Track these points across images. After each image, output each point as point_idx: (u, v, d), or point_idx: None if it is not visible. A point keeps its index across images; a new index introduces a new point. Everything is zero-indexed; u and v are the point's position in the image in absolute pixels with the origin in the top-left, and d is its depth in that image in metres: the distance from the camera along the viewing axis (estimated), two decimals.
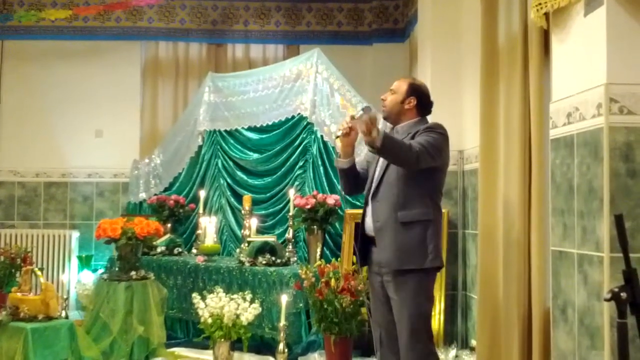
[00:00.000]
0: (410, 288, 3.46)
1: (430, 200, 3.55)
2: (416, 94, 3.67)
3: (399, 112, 3.66)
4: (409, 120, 3.65)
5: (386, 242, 3.50)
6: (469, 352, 4.94)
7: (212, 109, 6.85)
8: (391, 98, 3.69)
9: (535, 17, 3.33)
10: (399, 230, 3.47)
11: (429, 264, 3.49)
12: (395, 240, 3.47)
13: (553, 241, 3.33)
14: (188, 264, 5.98)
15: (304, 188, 6.10)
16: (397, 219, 3.47)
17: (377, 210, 3.56)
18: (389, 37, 7.78)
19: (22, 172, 7.68)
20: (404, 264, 3.46)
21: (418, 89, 3.70)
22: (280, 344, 4.67)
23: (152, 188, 7.26)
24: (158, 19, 7.84)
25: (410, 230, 3.47)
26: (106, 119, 7.69)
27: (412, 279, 3.47)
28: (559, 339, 3.27)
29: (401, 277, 3.47)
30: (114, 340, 5.01)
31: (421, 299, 3.50)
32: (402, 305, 3.47)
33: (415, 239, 3.47)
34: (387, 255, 3.49)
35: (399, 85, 3.70)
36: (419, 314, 3.48)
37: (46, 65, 7.71)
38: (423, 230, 3.49)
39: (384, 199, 3.54)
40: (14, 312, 4.62)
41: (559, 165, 3.25)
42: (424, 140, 3.44)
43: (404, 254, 3.45)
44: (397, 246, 3.46)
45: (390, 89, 3.73)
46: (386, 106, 3.69)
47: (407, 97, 3.65)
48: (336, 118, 5.90)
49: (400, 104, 3.65)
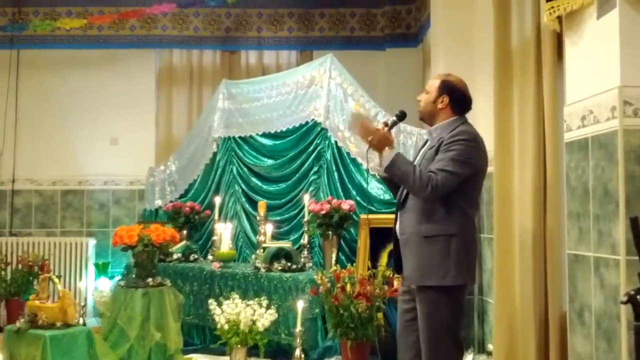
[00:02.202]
0: (429, 304, 3.34)
1: (459, 212, 3.36)
2: (448, 92, 3.48)
3: (432, 113, 3.51)
4: (444, 120, 3.48)
5: (409, 256, 3.40)
6: (486, 356, 4.92)
7: (227, 116, 6.88)
8: (424, 98, 3.54)
9: (548, 21, 3.32)
10: (421, 244, 3.34)
11: (450, 281, 3.30)
12: (417, 254, 3.35)
13: (569, 245, 3.32)
14: (204, 270, 6.01)
15: (318, 194, 6.10)
16: (421, 232, 3.35)
17: (403, 221, 3.46)
18: (401, 42, 7.78)
19: (38, 181, 7.73)
20: (423, 280, 3.34)
21: (450, 86, 3.50)
22: (296, 349, 4.68)
23: (168, 195, 7.29)
24: (172, 27, 7.89)
25: (432, 245, 3.32)
26: (121, 126, 7.74)
27: (431, 295, 3.33)
28: (576, 342, 3.26)
29: (422, 292, 3.37)
30: (131, 347, 5.02)
31: (441, 316, 3.33)
32: (422, 320, 3.37)
33: (436, 255, 3.31)
34: (409, 270, 3.41)
35: (431, 84, 3.55)
36: (439, 330, 3.33)
37: (61, 73, 7.77)
38: (446, 245, 3.31)
39: (410, 209, 3.41)
40: (32, 319, 4.64)
41: (573, 168, 3.24)
42: (444, 162, 3.29)
43: (423, 270, 3.32)
44: (418, 261, 3.34)
45: (425, 89, 3.61)
46: (420, 107, 3.57)
47: (439, 95, 3.48)
48: (350, 123, 5.91)
49: (433, 103, 3.49)
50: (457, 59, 5.47)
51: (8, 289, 6.68)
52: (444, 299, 3.33)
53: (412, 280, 3.41)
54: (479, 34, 5.24)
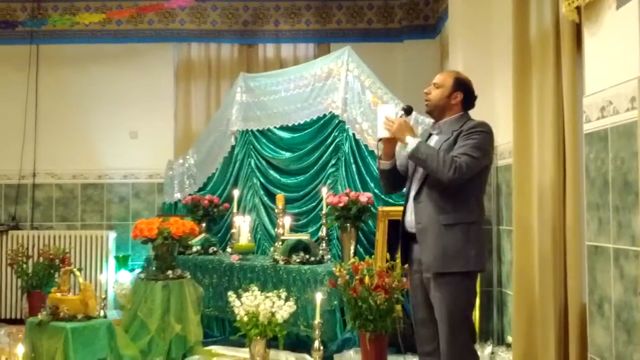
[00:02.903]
0: (451, 289, 3.44)
1: (475, 201, 3.53)
2: (463, 89, 3.61)
3: (444, 107, 3.61)
4: (453, 115, 3.61)
5: (429, 244, 3.47)
6: (505, 348, 4.92)
7: (244, 109, 6.90)
8: (436, 92, 3.62)
9: (567, 11, 3.30)
10: (441, 232, 3.44)
11: (471, 267, 3.47)
12: (437, 242, 3.44)
13: (588, 236, 3.31)
14: (223, 262, 6.04)
15: (336, 186, 6.11)
16: (440, 221, 3.44)
17: (420, 211, 3.52)
18: (419, 33, 7.76)
19: (59, 174, 7.80)
20: (446, 267, 3.43)
21: (464, 84, 3.64)
22: (315, 341, 4.68)
23: (187, 188, 7.33)
24: (190, 21, 7.92)
25: (452, 233, 3.44)
26: (140, 120, 7.79)
27: (453, 280, 3.45)
28: (595, 334, 3.25)
29: (442, 278, 3.45)
30: (151, 339, 5.07)
31: (462, 299, 3.49)
32: (442, 304, 3.45)
33: (458, 242, 3.44)
34: (429, 258, 3.47)
35: (444, 79, 3.64)
36: (459, 313, 3.47)
37: (81, 68, 7.83)
38: (465, 233, 3.46)
39: (427, 199, 3.50)
40: (54, 312, 4.68)
41: (593, 159, 3.23)
42: (467, 148, 3.41)
43: (446, 257, 3.43)
44: (440, 249, 3.43)
45: (433, 83, 3.66)
46: (431, 100, 3.63)
47: (454, 91, 3.60)
48: (367, 116, 5.91)
49: (447, 98, 3.60)
50: (476, 50, 5.46)
51: (30, 282, 6.74)
52: (464, 284, 3.49)
53: (433, 268, 3.46)
54: (498, 25, 5.22)
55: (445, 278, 3.44)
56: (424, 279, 3.56)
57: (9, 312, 7.29)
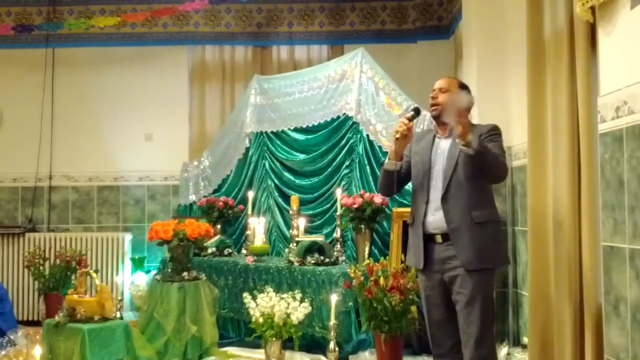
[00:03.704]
0: (484, 284, 3.54)
1: (493, 199, 3.72)
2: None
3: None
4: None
5: (464, 243, 3.53)
6: (521, 349, 4.91)
7: (259, 111, 6.92)
8: (444, 96, 3.67)
9: (581, 11, 3.30)
10: (475, 230, 3.53)
11: (504, 263, 3.80)
12: (474, 240, 3.52)
13: (604, 236, 3.30)
14: (238, 264, 6.06)
15: (350, 187, 6.12)
16: (473, 219, 3.53)
17: (448, 211, 3.57)
18: (433, 34, 7.74)
19: (75, 177, 7.85)
20: (484, 264, 3.53)
21: (467, 88, 3.76)
22: (330, 342, 4.70)
23: (202, 190, 7.36)
24: (204, 24, 7.95)
25: (486, 230, 3.55)
26: (156, 123, 7.82)
27: (484, 276, 3.55)
28: (611, 334, 3.24)
29: (474, 274, 3.51)
30: (168, 340, 5.10)
31: (491, 294, 3.62)
32: (473, 302, 3.50)
33: (492, 239, 3.60)
34: (468, 255, 3.51)
35: (449, 84, 3.73)
36: (490, 311, 3.57)
37: (96, 71, 7.88)
38: (496, 229, 3.66)
39: (455, 199, 3.56)
40: (70, 313, 4.72)
41: (608, 159, 3.22)
42: (498, 149, 3.59)
43: (484, 254, 3.53)
44: (478, 246, 3.52)
45: (438, 88, 3.72)
46: (440, 104, 3.67)
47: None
48: (381, 117, 5.91)
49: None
50: (490, 50, 5.45)
51: (47, 284, 6.79)
52: (492, 278, 3.65)
53: (471, 265, 3.51)
54: (511, 25, 5.21)
55: (478, 275, 3.52)
56: (446, 277, 3.59)
57: (27, 314, 7.35)
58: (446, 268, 3.58)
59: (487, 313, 3.52)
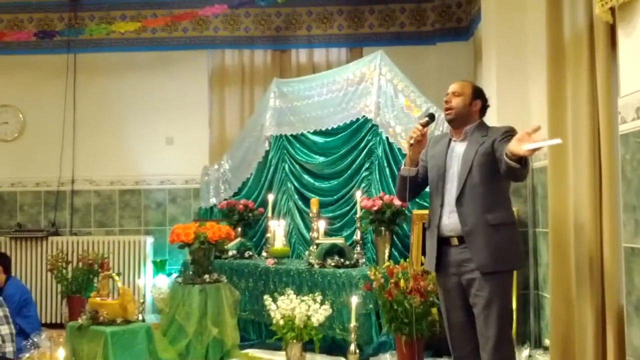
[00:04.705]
0: (501, 286, 3.54)
1: (509, 202, 3.71)
2: (480, 97, 3.74)
3: (467, 115, 3.69)
4: (473, 122, 3.70)
5: (479, 245, 3.52)
6: (543, 351, 4.89)
7: (278, 114, 6.95)
8: (458, 100, 3.69)
9: (601, 12, 3.29)
10: (490, 232, 3.52)
11: (519, 264, 3.80)
12: (489, 242, 3.51)
13: (625, 237, 3.29)
14: (259, 266, 6.08)
15: (370, 190, 6.12)
16: (488, 221, 3.52)
17: (463, 214, 3.57)
18: (452, 36, 7.72)
19: (97, 181, 7.92)
20: (499, 266, 3.52)
21: (481, 92, 3.78)
22: (351, 344, 4.71)
23: (222, 193, 7.40)
24: (223, 28, 7.99)
25: (501, 232, 3.54)
26: (176, 127, 7.87)
27: (501, 278, 3.55)
28: (633, 336, 3.23)
29: (490, 277, 3.51)
30: (189, 342, 5.14)
31: (509, 294, 3.63)
32: (490, 304, 3.49)
33: (507, 241, 3.57)
34: (484, 258, 3.51)
35: (463, 87, 3.73)
36: (508, 313, 3.58)
37: (117, 76, 7.95)
38: (511, 232, 3.63)
39: (471, 202, 3.56)
40: (93, 316, 4.76)
41: (629, 160, 3.20)
42: None
43: (499, 256, 3.51)
44: (493, 248, 3.51)
45: (451, 92, 3.72)
46: (454, 108, 3.69)
47: (474, 99, 3.71)
48: (401, 119, 5.92)
49: (469, 106, 3.69)
50: (509, 51, 5.43)
51: (70, 287, 6.85)
52: (510, 280, 3.66)
53: (487, 268, 3.50)
54: (531, 26, 5.19)
55: (495, 277, 3.51)
56: (463, 280, 3.59)
57: (50, 317, 7.43)
58: (463, 271, 3.59)
59: (505, 315, 3.52)
